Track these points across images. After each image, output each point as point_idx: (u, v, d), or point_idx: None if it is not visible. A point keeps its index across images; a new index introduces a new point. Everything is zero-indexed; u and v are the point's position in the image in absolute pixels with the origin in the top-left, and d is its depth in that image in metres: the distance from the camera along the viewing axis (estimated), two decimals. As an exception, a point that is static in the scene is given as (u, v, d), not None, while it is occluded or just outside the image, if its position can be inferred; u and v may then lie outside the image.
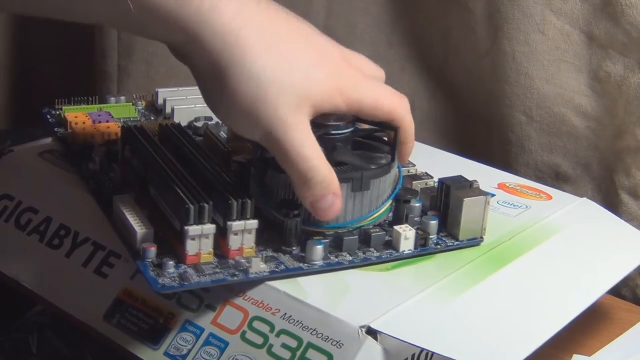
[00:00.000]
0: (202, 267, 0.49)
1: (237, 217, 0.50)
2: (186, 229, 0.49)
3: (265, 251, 0.52)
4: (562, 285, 0.54)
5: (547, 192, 0.65)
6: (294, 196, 0.51)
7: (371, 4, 0.85)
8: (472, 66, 0.81)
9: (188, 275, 0.49)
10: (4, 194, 0.61)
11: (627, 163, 0.73)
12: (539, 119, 0.77)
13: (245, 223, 0.50)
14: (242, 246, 0.50)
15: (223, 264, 0.50)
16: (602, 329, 0.61)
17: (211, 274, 0.49)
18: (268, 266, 0.50)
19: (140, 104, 0.70)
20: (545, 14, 0.74)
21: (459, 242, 0.55)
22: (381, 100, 0.53)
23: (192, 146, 0.56)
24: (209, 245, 0.50)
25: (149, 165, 0.54)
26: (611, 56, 0.72)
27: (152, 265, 0.49)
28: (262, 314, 0.49)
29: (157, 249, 0.50)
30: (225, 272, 0.49)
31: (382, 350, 0.46)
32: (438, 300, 0.50)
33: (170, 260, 0.49)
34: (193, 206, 0.49)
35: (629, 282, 0.72)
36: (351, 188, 0.53)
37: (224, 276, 0.49)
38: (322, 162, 0.50)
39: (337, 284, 0.51)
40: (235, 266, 0.50)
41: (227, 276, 0.49)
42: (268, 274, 0.50)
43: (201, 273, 0.49)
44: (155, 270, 0.49)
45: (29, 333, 0.59)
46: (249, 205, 0.50)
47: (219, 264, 0.50)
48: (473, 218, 0.55)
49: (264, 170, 0.53)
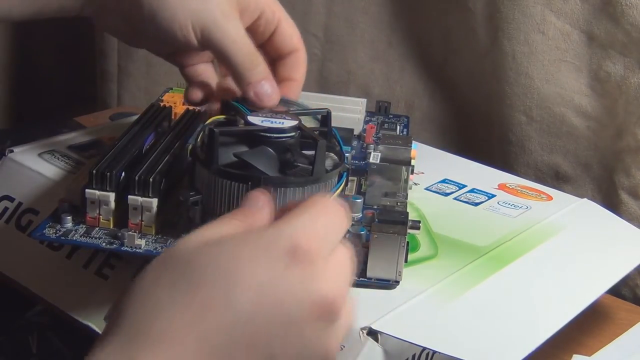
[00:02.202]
0: (96, 230, 0.52)
1: (138, 193, 0.51)
2: (85, 191, 0.51)
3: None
4: (563, 285, 0.54)
5: (548, 192, 0.65)
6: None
7: (371, 4, 0.85)
8: (472, 66, 0.81)
9: (70, 233, 0.51)
10: (5, 195, 0.61)
11: (627, 163, 0.73)
12: (539, 119, 0.77)
13: (143, 200, 0.51)
14: (140, 221, 0.51)
15: (114, 233, 0.51)
16: (602, 329, 0.61)
17: (96, 238, 0.51)
18: (149, 245, 0.51)
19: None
20: (546, 14, 0.74)
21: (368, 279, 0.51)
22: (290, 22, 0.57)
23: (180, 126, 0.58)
24: (109, 212, 0.51)
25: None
26: (611, 56, 0.72)
27: (53, 219, 0.52)
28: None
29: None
30: (104, 239, 0.51)
31: (382, 352, 0.46)
32: (439, 300, 0.50)
33: (69, 216, 0.52)
34: (96, 172, 0.51)
35: (629, 282, 0.72)
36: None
37: (100, 242, 0.51)
38: (255, 49, 0.54)
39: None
40: (120, 237, 0.51)
41: (103, 243, 0.51)
42: (142, 251, 0.51)
43: (88, 235, 0.51)
44: (52, 222, 0.52)
45: (29, 333, 0.59)
46: (150, 183, 0.51)
47: (110, 232, 0.51)
48: (384, 257, 0.51)
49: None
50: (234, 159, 0.50)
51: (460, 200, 0.63)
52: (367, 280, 0.51)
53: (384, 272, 0.51)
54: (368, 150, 0.61)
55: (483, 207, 0.62)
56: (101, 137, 0.67)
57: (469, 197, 0.63)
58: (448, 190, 0.64)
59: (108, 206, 0.51)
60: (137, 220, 0.51)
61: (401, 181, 0.57)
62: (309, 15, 0.87)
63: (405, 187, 0.57)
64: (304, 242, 0.37)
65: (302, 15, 0.86)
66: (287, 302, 0.36)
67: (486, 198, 0.63)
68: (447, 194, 0.63)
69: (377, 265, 0.50)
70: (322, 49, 0.88)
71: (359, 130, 0.65)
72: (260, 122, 0.52)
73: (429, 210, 0.60)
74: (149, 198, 0.51)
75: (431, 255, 0.55)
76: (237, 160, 0.50)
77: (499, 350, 0.48)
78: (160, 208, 0.51)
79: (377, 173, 0.56)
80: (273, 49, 0.57)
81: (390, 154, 0.58)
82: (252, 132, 0.51)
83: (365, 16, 0.85)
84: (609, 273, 0.56)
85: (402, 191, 0.56)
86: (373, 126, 0.66)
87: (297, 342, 0.37)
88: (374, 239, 0.50)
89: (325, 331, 0.37)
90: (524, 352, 0.47)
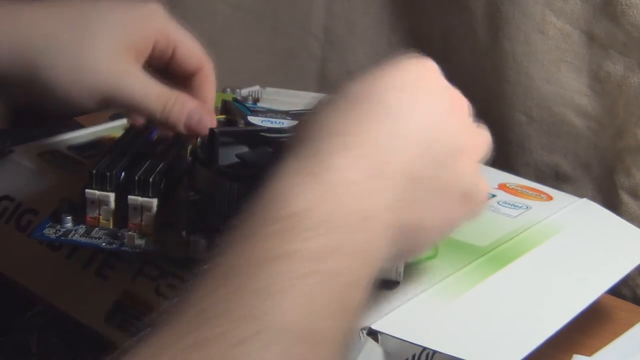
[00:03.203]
0: (96, 230, 0.52)
1: (138, 193, 0.51)
2: (85, 192, 0.51)
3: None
4: (563, 285, 0.54)
5: (548, 192, 0.65)
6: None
7: (371, 4, 0.85)
8: (472, 66, 0.81)
9: (70, 233, 0.52)
10: (4, 195, 0.61)
11: (627, 163, 0.73)
12: (539, 119, 0.77)
13: (143, 200, 0.51)
14: (140, 222, 0.51)
15: (114, 233, 0.52)
16: (602, 329, 0.61)
17: (96, 238, 0.52)
18: (149, 245, 0.51)
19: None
20: (546, 14, 0.74)
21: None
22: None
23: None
24: (109, 212, 0.52)
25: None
26: (611, 56, 0.72)
27: (53, 219, 0.53)
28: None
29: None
30: (104, 239, 0.51)
31: (382, 352, 0.46)
32: (439, 300, 0.50)
33: (69, 216, 0.52)
34: (96, 172, 0.51)
35: (629, 282, 0.72)
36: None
37: (100, 242, 0.51)
38: (163, 90, 0.52)
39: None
40: (120, 237, 0.51)
41: (103, 243, 0.51)
42: (142, 251, 0.51)
43: (87, 235, 0.52)
44: (52, 222, 0.53)
45: (29, 333, 0.59)
46: (150, 184, 0.51)
47: (110, 232, 0.52)
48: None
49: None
50: (235, 159, 0.50)
51: (460, 200, 0.63)
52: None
53: (383, 272, 0.51)
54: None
55: (483, 207, 0.62)
56: (101, 137, 0.67)
57: (469, 197, 0.63)
58: (448, 190, 0.64)
59: (108, 206, 0.52)
60: (137, 220, 0.51)
61: None
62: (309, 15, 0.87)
63: None
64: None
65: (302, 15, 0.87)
66: (453, 136, 0.44)
67: (486, 198, 0.63)
68: (447, 194, 0.63)
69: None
70: (322, 49, 0.88)
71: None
72: (260, 122, 0.52)
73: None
74: (149, 198, 0.51)
75: (431, 255, 0.55)
76: (238, 160, 0.50)
77: (499, 350, 0.48)
78: (160, 208, 0.51)
79: None
80: (177, 70, 0.56)
81: None
82: (252, 132, 0.51)
83: (365, 16, 0.85)
84: (609, 273, 0.56)
85: None
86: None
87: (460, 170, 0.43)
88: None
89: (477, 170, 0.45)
90: (523, 351, 0.47)
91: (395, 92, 0.42)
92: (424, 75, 0.45)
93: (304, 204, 0.37)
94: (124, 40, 0.52)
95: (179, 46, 0.55)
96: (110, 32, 0.52)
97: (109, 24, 0.52)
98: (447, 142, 0.43)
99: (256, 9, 0.88)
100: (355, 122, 0.40)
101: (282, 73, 0.91)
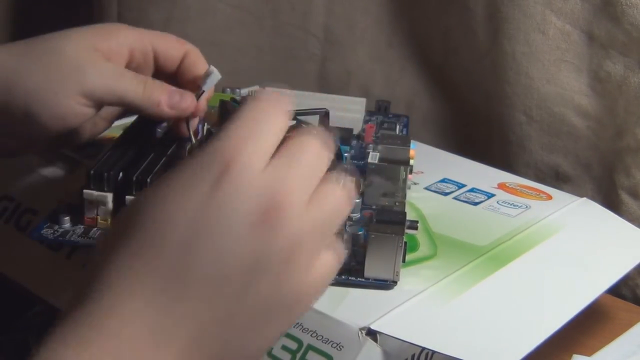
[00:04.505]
0: (94, 230, 0.53)
1: (136, 193, 0.51)
2: (83, 192, 0.52)
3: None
4: (562, 284, 0.54)
5: (547, 192, 0.65)
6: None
7: (371, 4, 0.85)
8: (472, 66, 0.81)
9: (68, 233, 0.53)
10: (4, 194, 0.61)
11: (627, 163, 0.73)
12: (539, 119, 0.77)
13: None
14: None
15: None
16: (602, 329, 0.61)
17: (94, 238, 0.52)
18: None
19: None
20: (546, 13, 0.74)
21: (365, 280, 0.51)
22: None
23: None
24: (107, 212, 0.52)
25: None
26: (611, 56, 0.72)
27: (51, 219, 0.54)
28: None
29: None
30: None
31: (381, 352, 0.46)
32: (438, 300, 0.50)
33: (67, 216, 0.53)
34: (94, 172, 0.51)
35: (629, 282, 0.72)
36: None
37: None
38: (140, 81, 0.53)
39: (336, 285, 0.51)
40: None
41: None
42: None
43: (85, 235, 0.52)
44: (50, 223, 0.53)
45: (29, 333, 0.59)
46: (148, 184, 0.51)
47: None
48: (382, 257, 0.51)
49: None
50: None
51: (459, 199, 0.63)
52: (364, 281, 0.51)
53: (381, 272, 0.51)
54: (367, 150, 0.61)
55: (482, 206, 0.62)
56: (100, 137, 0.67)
57: (468, 196, 0.63)
58: (447, 189, 0.64)
59: (106, 206, 0.52)
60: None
61: (399, 181, 0.57)
62: (309, 15, 0.87)
63: (404, 187, 0.57)
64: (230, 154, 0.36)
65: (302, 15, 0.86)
66: (222, 217, 0.35)
67: (486, 197, 0.63)
68: (447, 194, 0.63)
69: (374, 266, 0.51)
70: (322, 49, 0.88)
71: (358, 129, 0.65)
72: None
73: (428, 209, 0.60)
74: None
75: (430, 254, 0.55)
76: None
77: (499, 349, 0.48)
78: None
79: (375, 173, 0.56)
80: (166, 65, 0.57)
81: (389, 154, 0.58)
82: None
83: (365, 16, 0.85)
84: (609, 273, 0.56)
85: (400, 191, 0.56)
86: (372, 126, 0.66)
87: (245, 256, 0.35)
88: (371, 239, 0.50)
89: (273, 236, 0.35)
90: (523, 351, 0.47)
91: (176, 225, 0.36)
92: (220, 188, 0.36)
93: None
94: (92, 43, 0.53)
95: (155, 43, 0.56)
96: (77, 41, 0.53)
97: (75, 35, 0.53)
98: (250, 266, 0.36)
99: (256, 9, 0.88)
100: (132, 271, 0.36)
101: (282, 73, 0.90)
